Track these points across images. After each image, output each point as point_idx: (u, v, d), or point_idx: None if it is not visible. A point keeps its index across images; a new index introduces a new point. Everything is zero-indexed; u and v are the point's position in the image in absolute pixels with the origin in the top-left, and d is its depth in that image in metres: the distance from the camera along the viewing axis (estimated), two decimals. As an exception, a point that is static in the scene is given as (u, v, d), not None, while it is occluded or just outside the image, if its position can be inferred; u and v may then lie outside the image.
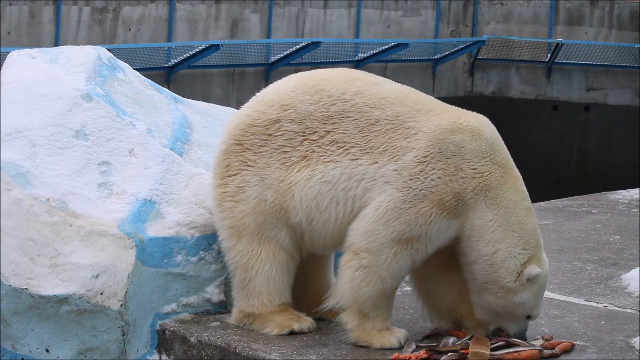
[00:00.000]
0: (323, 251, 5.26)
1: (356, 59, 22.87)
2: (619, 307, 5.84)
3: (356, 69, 15.63)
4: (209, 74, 21.15)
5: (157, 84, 6.16)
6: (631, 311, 5.75)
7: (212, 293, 5.44)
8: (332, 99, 5.08)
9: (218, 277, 5.44)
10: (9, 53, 5.94)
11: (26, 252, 5.20)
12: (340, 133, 5.04)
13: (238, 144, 5.18)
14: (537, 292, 4.99)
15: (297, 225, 5.09)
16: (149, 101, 5.86)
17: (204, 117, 6.12)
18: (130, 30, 20.31)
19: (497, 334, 5.01)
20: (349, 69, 5.29)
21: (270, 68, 21.78)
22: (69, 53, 5.81)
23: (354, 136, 5.02)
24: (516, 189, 4.98)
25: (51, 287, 5.17)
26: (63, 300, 5.17)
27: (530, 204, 5.02)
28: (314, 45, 21.58)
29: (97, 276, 5.18)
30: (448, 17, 25.28)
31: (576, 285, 6.28)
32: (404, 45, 23.08)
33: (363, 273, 4.93)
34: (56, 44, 18.87)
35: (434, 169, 4.91)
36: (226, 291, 5.44)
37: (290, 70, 20.17)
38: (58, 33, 19.31)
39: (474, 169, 4.93)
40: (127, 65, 6.06)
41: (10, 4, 18.85)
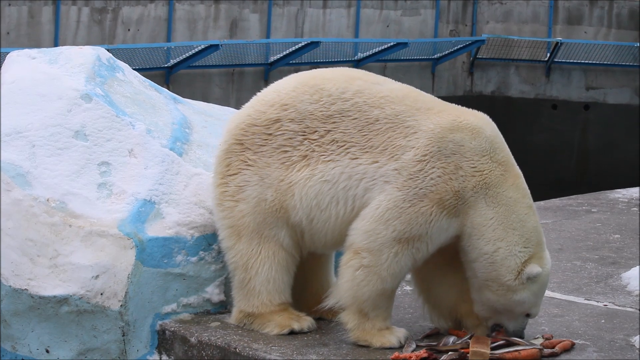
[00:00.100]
0: (323, 250, 5.26)
1: (355, 58, 22.84)
2: (619, 305, 5.83)
3: (356, 68, 15.60)
4: (209, 74, 21.14)
5: (156, 84, 6.16)
6: (631, 310, 5.75)
7: (212, 293, 5.43)
8: (332, 98, 5.08)
9: (218, 277, 5.44)
10: (8, 53, 5.94)
11: (26, 252, 5.20)
12: (340, 132, 5.03)
13: (239, 143, 5.18)
14: (537, 291, 4.98)
15: (297, 225, 5.09)
16: (149, 101, 5.85)
17: (204, 117, 6.11)
18: (129, 30, 20.30)
19: (496, 329, 5.01)
20: (349, 68, 5.29)
21: (269, 68, 21.76)
22: (68, 53, 5.80)
23: (354, 135, 5.02)
24: (517, 186, 4.97)
25: (51, 287, 5.17)
26: (63, 300, 5.17)
27: (531, 202, 5.01)
28: (314, 45, 21.56)
29: (97, 277, 5.18)
30: (447, 16, 25.25)
31: (576, 284, 6.28)
32: (404, 45, 23.05)
33: (363, 272, 4.93)
34: (55, 44, 18.86)
35: (433, 167, 4.90)
36: (226, 291, 5.43)
37: (290, 70, 20.16)
38: (57, 33, 19.30)
39: (473, 167, 4.92)
40: (127, 65, 6.05)
41: (10, 4, 18.84)
